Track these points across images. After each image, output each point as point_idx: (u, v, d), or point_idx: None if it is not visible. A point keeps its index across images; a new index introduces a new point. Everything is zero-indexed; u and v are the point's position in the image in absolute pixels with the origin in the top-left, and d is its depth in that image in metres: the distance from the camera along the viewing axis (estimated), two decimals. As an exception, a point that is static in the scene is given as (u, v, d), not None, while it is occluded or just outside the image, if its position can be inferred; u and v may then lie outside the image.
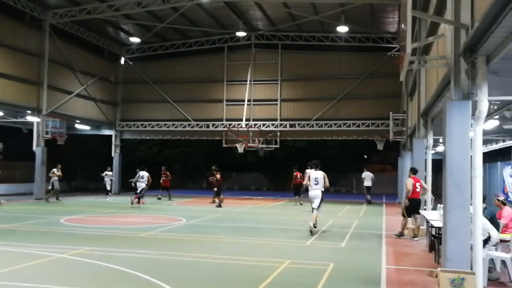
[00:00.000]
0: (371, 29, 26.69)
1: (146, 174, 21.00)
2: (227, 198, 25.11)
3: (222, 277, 7.90)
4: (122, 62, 31.98)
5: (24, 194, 27.03)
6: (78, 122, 29.32)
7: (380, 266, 8.84)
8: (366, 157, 45.50)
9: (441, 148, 20.62)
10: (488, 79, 6.00)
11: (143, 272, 7.86)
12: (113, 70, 31.80)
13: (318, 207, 13.12)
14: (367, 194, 25.15)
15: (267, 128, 29.28)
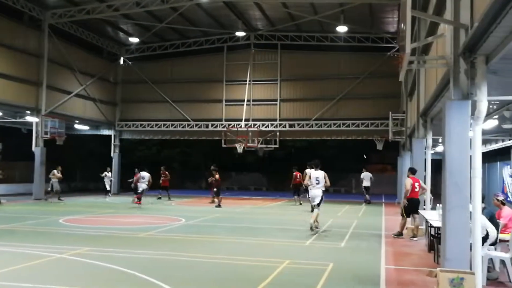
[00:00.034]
0: (371, 29, 26.70)
1: (147, 174, 21.05)
2: (227, 198, 25.11)
3: (221, 277, 7.89)
4: (121, 62, 31.95)
5: (23, 194, 26.99)
6: (77, 122, 29.32)
7: (379, 266, 8.84)
8: (365, 157, 45.49)
9: (440, 148, 20.60)
10: (487, 79, 5.99)
11: (142, 272, 7.86)
12: (112, 70, 31.78)
13: (318, 205, 13.16)
14: (366, 194, 25.23)
15: (267, 128, 29.27)
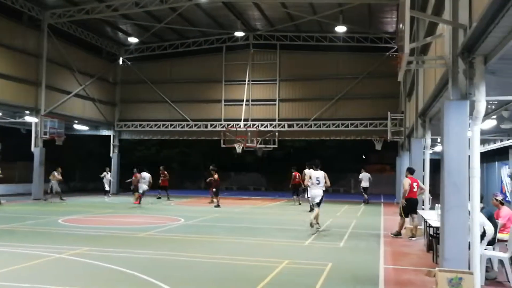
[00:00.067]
0: (369, 29, 26.73)
1: (148, 175, 21.09)
2: (226, 198, 25.10)
3: (221, 277, 7.90)
4: (121, 62, 31.94)
5: (22, 195, 26.98)
6: (76, 122, 29.30)
7: (378, 266, 8.85)
8: (364, 157, 45.49)
9: (439, 148, 20.63)
10: (486, 79, 6.00)
11: (142, 272, 7.86)
12: (111, 70, 31.77)
13: (318, 204, 13.20)
14: (365, 194, 25.25)
15: (265, 128, 29.28)
